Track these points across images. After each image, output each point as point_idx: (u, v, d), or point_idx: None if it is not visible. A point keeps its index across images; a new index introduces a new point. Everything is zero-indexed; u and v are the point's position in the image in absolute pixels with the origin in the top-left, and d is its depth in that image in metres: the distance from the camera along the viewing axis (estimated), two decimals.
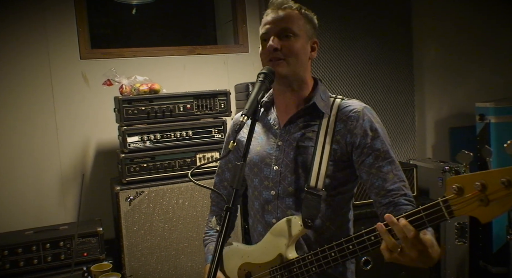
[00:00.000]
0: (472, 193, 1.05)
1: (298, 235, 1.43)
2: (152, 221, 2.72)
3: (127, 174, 2.72)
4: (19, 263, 2.51)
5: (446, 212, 1.10)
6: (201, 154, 2.85)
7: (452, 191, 1.07)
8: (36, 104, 3.06)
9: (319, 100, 1.51)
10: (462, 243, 3.18)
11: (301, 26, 1.47)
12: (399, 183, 1.41)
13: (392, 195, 1.40)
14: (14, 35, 3.00)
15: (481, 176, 1.04)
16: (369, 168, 1.43)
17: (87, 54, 3.16)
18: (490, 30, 4.01)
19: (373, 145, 1.44)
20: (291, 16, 1.47)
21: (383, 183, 1.41)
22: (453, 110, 4.02)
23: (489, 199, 1.03)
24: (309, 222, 1.40)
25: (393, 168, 1.43)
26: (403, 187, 1.42)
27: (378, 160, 1.43)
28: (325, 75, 3.45)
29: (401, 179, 1.43)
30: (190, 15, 4.04)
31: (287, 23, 1.45)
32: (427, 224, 1.13)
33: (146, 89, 2.82)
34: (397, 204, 1.39)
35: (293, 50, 1.45)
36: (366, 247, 1.25)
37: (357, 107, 1.48)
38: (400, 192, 1.40)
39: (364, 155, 1.44)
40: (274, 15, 1.47)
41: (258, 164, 1.57)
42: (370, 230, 1.24)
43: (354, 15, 3.53)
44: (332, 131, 1.46)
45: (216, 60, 3.46)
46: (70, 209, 3.12)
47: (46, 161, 3.09)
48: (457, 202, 1.08)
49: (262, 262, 1.48)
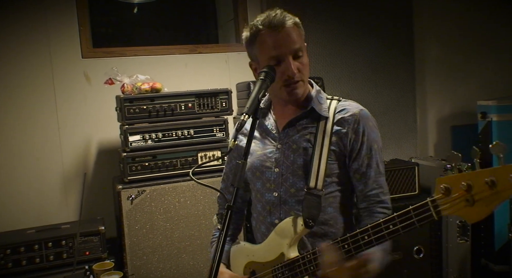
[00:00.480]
0: (459, 193, 1.07)
1: (300, 235, 1.46)
2: (153, 220, 2.73)
3: (129, 173, 2.72)
4: (21, 262, 2.51)
5: (434, 211, 1.13)
6: (203, 153, 2.85)
7: (440, 191, 1.10)
8: (38, 104, 3.07)
9: (317, 104, 1.53)
10: (464, 241, 3.17)
11: (301, 40, 1.49)
12: (377, 189, 1.50)
13: (369, 200, 1.50)
14: (16, 35, 3.01)
15: (467, 176, 1.06)
16: (354, 172, 1.51)
17: (88, 53, 3.17)
18: (492, 29, 4.00)
19: (361, 150, 1.49)
20: (294, 33, 1.45)
21: (364, 188, 1.51)
22: (455, 108, 4.01)
23: (474, 199, 1.05)
24: (310, 222, 1.44)
25: (375, 174, 1.50)
26: (380, 193, 1.51)
27: (363, 166, 1.50)
28: (327, 75, 3.45)
29: (379, 185, 1.50)
30: (192, 14, 4.04)
31: (295, 43, 1.45)
32: (416, 223, 1.17)
33: (148, 88, 2.82)
34: (372, 212, 1.49)
35: (306, 68, 1.49)
36: (360, 247, 1.29)
37: (354, 110, 1.51)
38: (376, 198, 1.50)
39: (352, 160, 1.50)
40: (278, 35, 1.43)
41: (259, 168, 1.60)
42: (364, 229, 1.27)
43: (356, 14, 3.52)
44: (330, 133, 1.49)
45: (218, 59, 3.45)
46: (72, 208, 3.13)
47: (48, 160, 3.09)
48: (445, 202, 1.10)
49: (265, 261, 1.51)
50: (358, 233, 1.28)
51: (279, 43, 1.44)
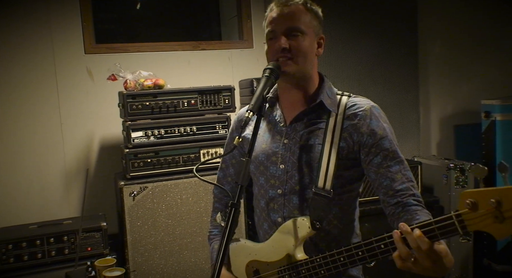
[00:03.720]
0: (487, 209, 1.03)
1: (306, 236, 1.42)
2: (155, 216, 2.73)
3: (131, 169, 2.72)
4: (23, 257, 2.52)
5: (459, 226, 1.07)
6: (205, 150, 2.85)
7: (466, 206, 1.05)
8: (41, 99, 3.06)
9: (326, 98, 1.49)
10: (466, 241, 3.17)
11: (308, 23, 1.45)
12: (407, 183, 1.40)
13: (400, 195, 1.38)
14: (19, 31, 3.00)
15: (496, 192, 1.02)
16: (377, 167, 1.42)
17: (91, 49, 3.16)
18: (496, 28, 3.99)
19: (381, 144, 1.42)
20: (298, 13, 1.44)
21: (392, 183, 1.40)
22: (458, 107, 4.00)
23: (504, 216, 1.01)
24: (317, 224, 1.39)
25: (401, 168, 1.41)
26: (411, 187, 1.40)
27: (387, 159, 1.41)
28: (330, 73, 3.44)
29: (409, 179, 1.41)
30: (195, 10, 4.03)
31: (294, 21, 1.43)
32: (439, 237, 1.11)
33: (151, 85, 2.82)
34: (406, 205, 1.37)
35: (301, 49, 1.43)
36: (376, 255, 1.23)
37: (364, 106, 1.46)
38: (409, 192, 1.39)
39: (371, 154, 1.42)
40: (280, 12, 1.44)
41: (264, 162, 1.55)
42: (380, 238, 1.22)
43: (360, 13, 3.51)
44: (340, 129, 1.44)
45: (221, 56, 3.45)
46: (74, 203, 3.13)
47: (50, 155, 3.09)
48: (471, 217, 1.05)
49: (270, 260, 1.47)
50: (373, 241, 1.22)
51: (276, 18, 1.44)
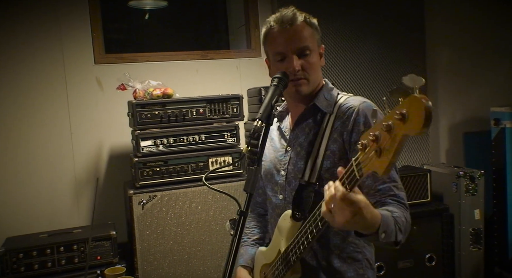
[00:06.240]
0: (370, 146, 0.98)
1: (289, 228, 1.44)
2: (164, 225, 2.73)
3: (140, 178, 2.73)
4: (34, 266, 2.53)
5: (356, 169, 1.05)
6: (214, 158, 2.85)
7: (359, 148, 1.02)
8: (51, 109, 3.10)
9: (321, 100, 1.50)
10: (477, 249, 3.14)
11: (312, 39, 1.48)
12: (389, 183, 1.37)
13: (380, 195, 1.36)
14: (29, 41, 3.04)
15: (377, 127, 0.96)
16: None
17: (101, 59, 3.20)
18: (505, 34, 3.97)
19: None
20: (303, 31, 1.46)
21: (373, 182, 1.37)
22: (467, 115, 3.98)
23: (381, 149, 0.95)
24: (297, 214, 1.42)
25: None
26: (393, 187, 1.37)
27: None
28: (337, 78, 3.44)
29: (392, 179, 1.38)
30: (203, 20, 4.06)
31: (302, 40, 1.45)
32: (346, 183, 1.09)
33: (159, 94, 2.84)
34: (383, 204, 1.34)
35: (312, 67, 1.47)
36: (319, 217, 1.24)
37: (354, 104, 1.45)
38: (390, 192, 1.36)
39: (355, 151, 1.42)
40: (285, 31, 1.46)
41: (270, 171, 1.61)
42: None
43: (367, 18, 3.52)
44: (330, 129, 1.45)
45: (229, 65, 3.47)
46: (84, 212, 3.15)
47: (60, 165, 3.12)
48: (364, 159, 1.01)
49: (270, 261, 1.54)
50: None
51: (284, 39, 1.46)
